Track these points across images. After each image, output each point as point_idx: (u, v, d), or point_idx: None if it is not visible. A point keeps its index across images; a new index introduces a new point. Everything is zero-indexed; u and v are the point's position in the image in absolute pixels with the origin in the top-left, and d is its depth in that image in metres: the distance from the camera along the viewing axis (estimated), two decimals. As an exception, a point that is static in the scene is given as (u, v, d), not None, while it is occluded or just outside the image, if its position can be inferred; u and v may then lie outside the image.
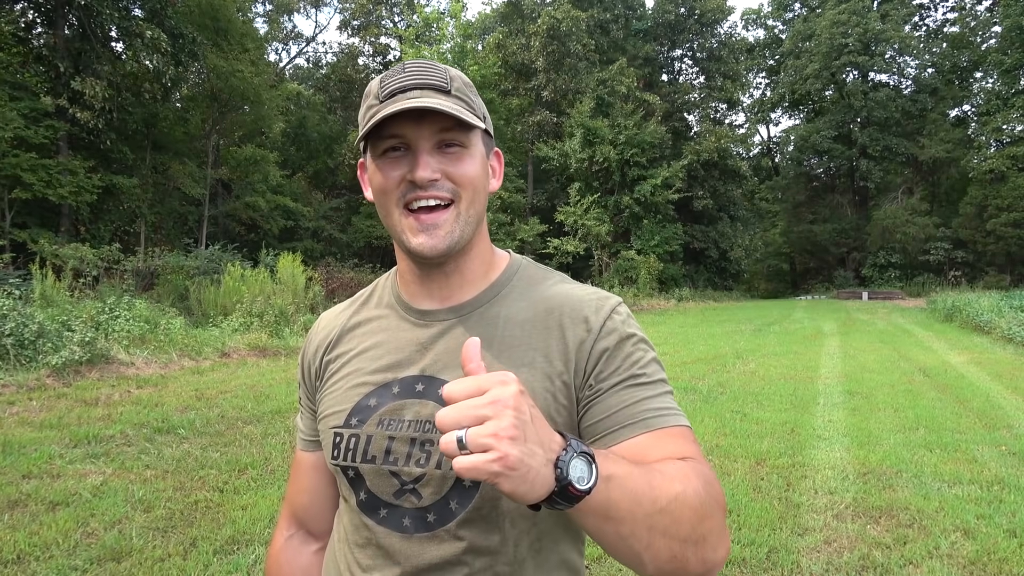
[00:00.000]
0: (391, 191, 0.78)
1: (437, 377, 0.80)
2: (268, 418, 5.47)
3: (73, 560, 2.82)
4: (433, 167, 0.76)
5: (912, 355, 10.02)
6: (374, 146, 0.79)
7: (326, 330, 0.93)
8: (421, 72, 0.78)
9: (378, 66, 30.09)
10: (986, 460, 4.54)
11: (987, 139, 30.58)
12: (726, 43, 35.05)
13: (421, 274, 0.85)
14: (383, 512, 0.80)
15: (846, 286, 33.31)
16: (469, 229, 0.80)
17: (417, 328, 0.85)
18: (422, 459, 0.77)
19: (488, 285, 0.86)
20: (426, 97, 0.75)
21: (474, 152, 0.80)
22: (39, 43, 15.81)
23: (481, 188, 0.81)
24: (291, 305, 11.35)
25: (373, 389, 0.83)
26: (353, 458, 0.81)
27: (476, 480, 0.71)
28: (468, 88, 0.81)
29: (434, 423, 0.76)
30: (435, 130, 0.76)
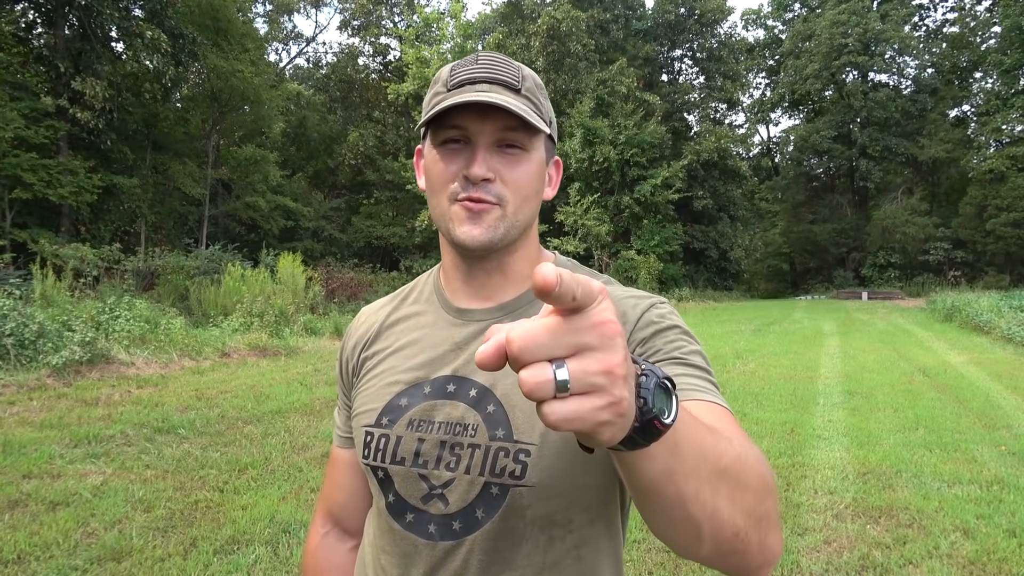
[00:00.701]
0: (445, 183, 0.77)
1: (469, 378, 0.78)
2: (268, 418, 5.47)
3: (73, 560, 2.83)
4: (489, 165, 0.74)
5: (912, 355, 10.02)
6: (434, 134, 0.77)
7: (365, 325, 0.92)
8: (494, 66, 0.76)
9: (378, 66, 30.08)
10: (986, 460, 4.54)
11: (987, 139, 30.59)
12: (726, 43, 35.05)
13: (464, 269, 0.83)
14: (410, 516, 0.78)
15: (846, 286, 33.31)
16: (514, 232, 0.78)
17: (454, 327, 0.83)
18: (451, 463, 0.75)
19: (529, 287, 0.83)
20: (494, 93, 0.73)
21: (533, 157, 0.77)
22: (39, 43, 15.81)
23: (533, 195, 0.78)
24: (291, 305, 11.35)
25: (405, 388, 0.81)
26: (383, 459, 0.79)
27: (504, 488, 0.71)
28: (539, 90, 0.79)
29: (464, 426, 0.75)
30: (498, 127, 0.74)
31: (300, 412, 5.74)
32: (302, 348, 9.70)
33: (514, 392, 0.75)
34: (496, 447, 0.73)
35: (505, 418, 0.75)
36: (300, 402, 6.09)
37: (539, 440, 0.72)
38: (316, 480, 3.96)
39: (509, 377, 0.75)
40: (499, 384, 0.76)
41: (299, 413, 5.70)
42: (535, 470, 0.72)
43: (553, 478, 0.72)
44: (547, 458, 0.72)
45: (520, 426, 0.73)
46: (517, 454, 0.72)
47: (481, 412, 0.76)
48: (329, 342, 10.72)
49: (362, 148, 25.86)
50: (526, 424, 0.73)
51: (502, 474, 0.73)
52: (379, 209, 25.37)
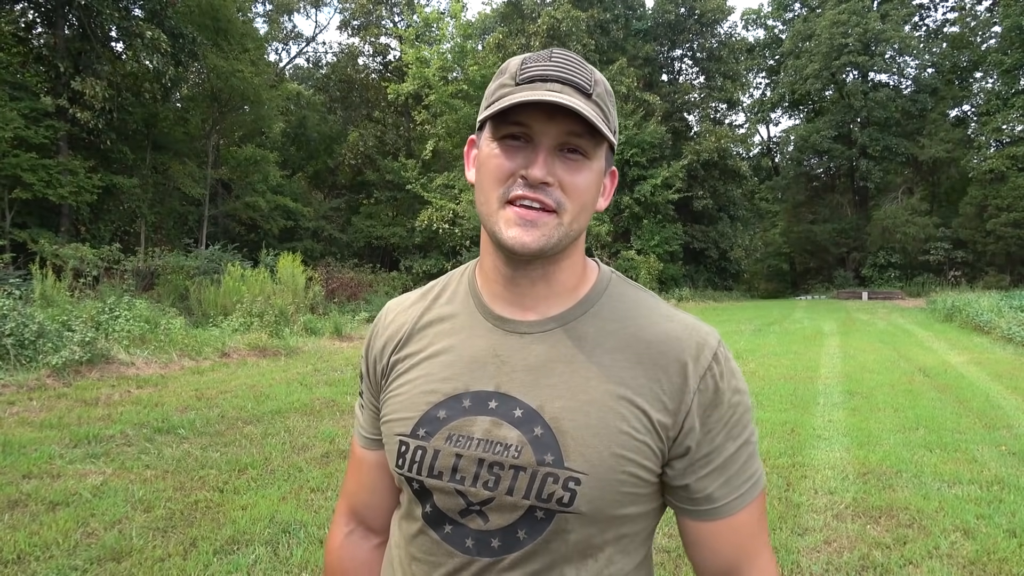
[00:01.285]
0: (499, 181, 0.73)
1: (513, 396, 0.75)
2: (268, 418, 5.47)
3: (73, 560, 2.82)
4: (550, 169, 0.71)
5: (912, 355, 10.02)
6: (495, 128, 0.73)
7: (395, 325, 0.87)
8: (567, 66, 0.72)
9: (378, 66, 30.07)
10: (986, 460, 4.54)
11: (987, 139, 30.59)
12: (726, 43, 35.05)
13: (507, 274, 0.79)
14: (448, 528, 0.77)
15: (846, 286, 33.32)
16: (566, 241, 0.74)
17: (494, 335, 0.79)
18: (490, 482, 0.74)
19: (576, 301, 0.79)
20: (565, 94, 0.70)
21: (594, 166, 0.74)
22: (39, 43, 15.80)
23: (590, 204, 0.75)
24: (291, 305, 11.36)
25: (443, 400, 0.78)
26: (419, 471, 0.77)
27: (550, 513, 0.72)
28: (608, 97, 0.76)
29: (506, 445, 0.73)
30: (564, 131, 0.71)
31: (300, 412, 5.74)
32: (302, 348, 9.70)
33: (564, 417, 0.74)
34: (544, 472, 0.72)
35: (555, 443, 0.73)
36: (300, 402, 6.09)
37: (590, 469, 0.72)
38: (316, 480, 3.96)
39: (559, 400, 0.74)
40: (547, 407, 0.74)
41: (299, 413, 5.70)
42: (584, 499, 0.72)
43: (600, 507, 0.73)
44: (596, 488, 0.72)
45: (571, 453, 0.72)
46: (567, 481, 0.72)
47: (526, 433, 0.74)
48: (329, 342, 10.72)
49: (362, 148, 25.85)
50: (577, 451, 0.72)
51: (549, 500, 0.72)
52: (379, 209, 25.36)
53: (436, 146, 24.09)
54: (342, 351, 9.90)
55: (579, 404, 0.74)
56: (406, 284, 20.62)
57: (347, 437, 4.95)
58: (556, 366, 0.76)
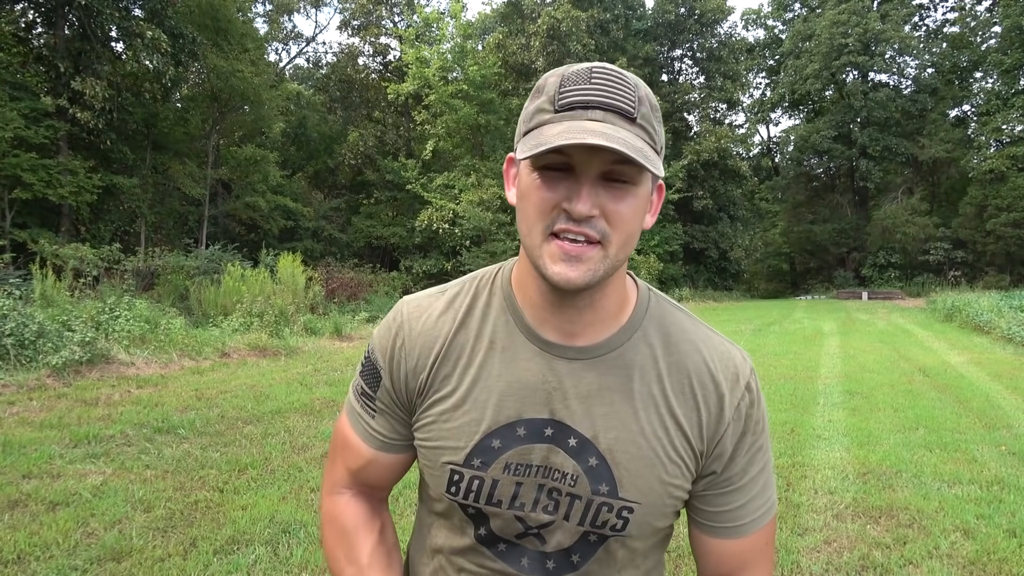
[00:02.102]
0: (543, 214, 0.69)
1: (568, 425, 0.76)
2: (268, 418, 5.47)
3: (73, 560, 2.82)
4: (594, 201, 0.67)
5: (912, 355, 10.02)
6: (536, 159, 0.69)
7: (426, 339, 0.81)
8: (609, 87, 0.68)
9: (378, 66, 30.08)
10: (986, 460, 4.54)
11: (987, 139, 30.58)
12: (726, 43, 35.04)
13: (555, 303, 0.76)
14: (502, 547, 0.80)
15: (846, 286, 33.32)
16: (612, 271, 0.72)
17: (542, 359, 0.77)
18: (550, 507, 0.77)
19: (619, 327, 0.79)
20: (608, 123, 0.66)
21: (639, 192, 0.70)
22: (39, 43, 15.80)
23: (636, 231, 0.72)
24: (291, 305, 11.36)
25: (496, 428, 0.77)
26: (476, 499, 0.78)
27: (602, 537, 0.77)
28: (654, 114, 0.71)
29: (563, 474, 0.76)
30: (607, 160, 0.67)
31: (300, 412, 5.74)
32: (302, 348, 9.70)
33: (618, 448, 0.76)
34: (599, 502, 0.76)
35: (609, 474, 0.76)
36: (300, 402, 6.09)
37: (642, 499, 0.77)
38: (316, 480, 3.96)
39: (612, 431, 0.76)
40: (602, 437, 0.76)
41: (299, 413, 5.70)
42: (635, 525, 0.78)
43: (646, 529, 0.79)
44: (647, 515, 0.78)
45: (625, 484, 0.76)
46: (621, 511, 0.76)
47: (581, 464, 0.76)
48: (329, 342, 10.72)
49: (362, 148, 25.85)
50: (630, 482, 0.76)
51: (603, 527, 0.77)
52: (379, 209, 25.35)
53: (436, 146, 24.08)
54: (342, 351, 9.90)
55: (631, 435, 0.77)
56: (406, 284, 20.62)
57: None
58: (607, 395, 0.77)
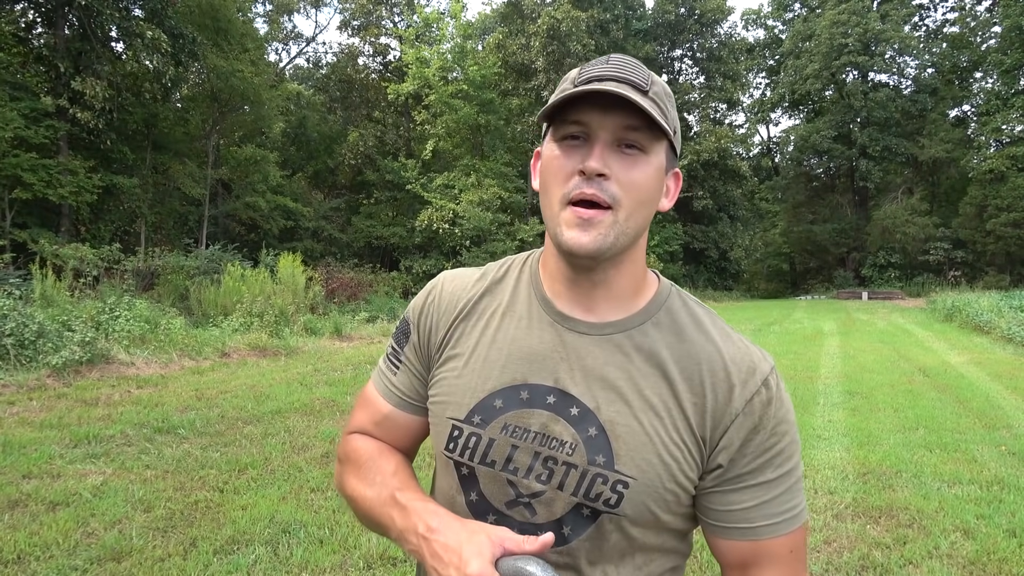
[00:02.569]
0: (561, 180, 0.74)
1: (571, 394, 0.77)
2: (268, 418, 5.47)
3: (73, 560, 2.82)
4: (606, 162, 0.72)
5: (912, 355, 10.02)
6: (555, 130, 0.75)
7: (453, 298, 0.86)
8: (624, 67, 0.74)
9: (378, 66, 30.08)
10: (986, 460, 4.54)
11: (987, 139, 30.59)
12: (726, 43, 35.06)
13: (570, 276, 0.79)
14: (491, 518, 0.78)
15: (846, 286, 33.32)
16: (624, 240, 0.74)
17: (554, 330, 0.80)
18: (544, 475, 0.76)
19: (635, 311, 0.80)
20: (622, 90, 0.70)
21: (652, 161, 0.74)
22: (39, 43, 15.80)
23: (647, 201, 0.75)
24: (291, 305, 11.36)
25: (500, 388, 0.79)
26: (471, 457, 0.78)
27: (596, 512, 0.74)
28: (667, 97, 0.76)
29: (561, 442, 0.75)
30: (620, 124, 0.72)
31: (300, 412, 5.74)
32: (302, 348, 9.70)
33: (619, 421, 0.75)
34: (595, 472, 0.74)
35: (607, 445, 0.75)
36: (300, 402, 6.09)
37: (639, 475, 0.74)
38: (316, 480, 3.96)
39: (615, 404, 0.76)
40: (604, 409, 0.76)
41: (299, 413, 5.71)
42: (629, 503, 0.74)
43: (643, 512, 0.75)
44: (643, 494, 0.74)
45: (622, 456, 0.74)
46: (615, 484, 0.74)
47: (581, 433, 0.76)
48: (329, 342, 10.72)
49: (362, 148, 25.85)
50: (628, 456, 0.74)
51: (596, 499, 0.74)
52: (379, 209, 25.36)
53: (436, 146, 24.08)
54: (342, 351, 9.90)
55: (633, 411, 0.76)
56: (406, 284, 20.63)
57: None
58: (613, 370, 0.77)
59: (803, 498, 0.79)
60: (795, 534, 0.77)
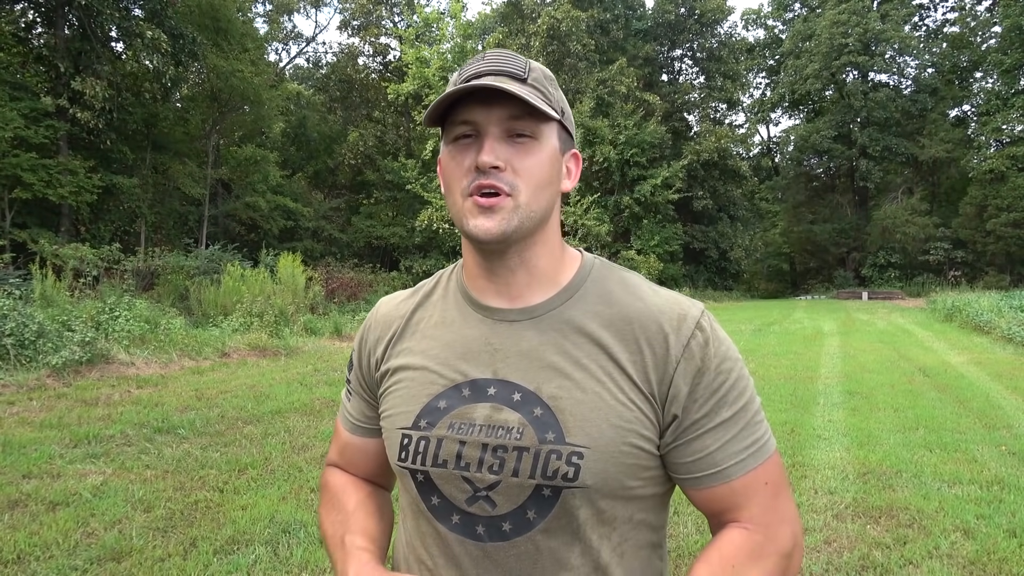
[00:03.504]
0: (459, 179, 0.76)
1: (510, 381, 0.78)
2: (268, 418, 5.47)
3: (73, 560, 2.82)
4: (498, 154, 0.73)
5: (912, 355, 10.02)
6: (447, 134, 0.77)
7: (387, 319, 0.90)
8: (499, 60, 0.76)
9: (378, 66, 30.09)
10: (986, 460, 4.54)
11: (987, 139, 30.60)
12: (726, 43, 35.07)
13: (486, 267, 0.81)
14: (455, 518, 0.78)
15: (846, 286, 33.32)
16: (529, 223, 0.76)
17: (485, 325, 0.82)
18: (495, 465, 0.75)
19: (559, 289, 0.82)
20: (499, 82, 0.72)
21: (544, 145, 0.76)
22: (39, 43, 15.82)
23: (546, 184, 0.77)
24: (291, 305, 11.36)
25: (442, 390, 0.80)
26: (423, 462, 0.79)
27: (556, 490, 0.73)
28: (548, 80, 0.78)
29: (507, 428, 0.75)
30: (504, 116, 0.74)
31: (300, 412, 5.74)
32: (302, 348, 9.70)
33: (562, 395, 0.76)
34: (547, 450, 0.74)
35: (555, 420, 0.75)
36: (300, 402, 6.09)
37: (591, 443, 0.74)
38: (316, 480, 3.96)
39: (555, 380, 0.76)
40: (544, 388, 0.76)
41: (299, 413, 5.71)
42: (588, 472, 0.73)
43: (605, 480, 0.74)
44: (600, 461, 0.74)
45: (571, 429, 0.74)
46: (570, 456, 0.73)
47: (526, 415, 0.76)
48: (329, 342, 10.72)
49: (362, 148, 25.86)
50: (577, 427, 0.74)
51: (554, 476, 0.73)
52: (379, 209, 25.37)
53: (436, 146, 24.05)
54: (342, 351, 9.90)
55: (574, 383, 0.76)
56: (406, 284, 20.59)
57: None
58: (547, 349, 0.78)
59: (766, 429, 0.79)
60: (766, 466, 0.77)
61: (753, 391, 0.79)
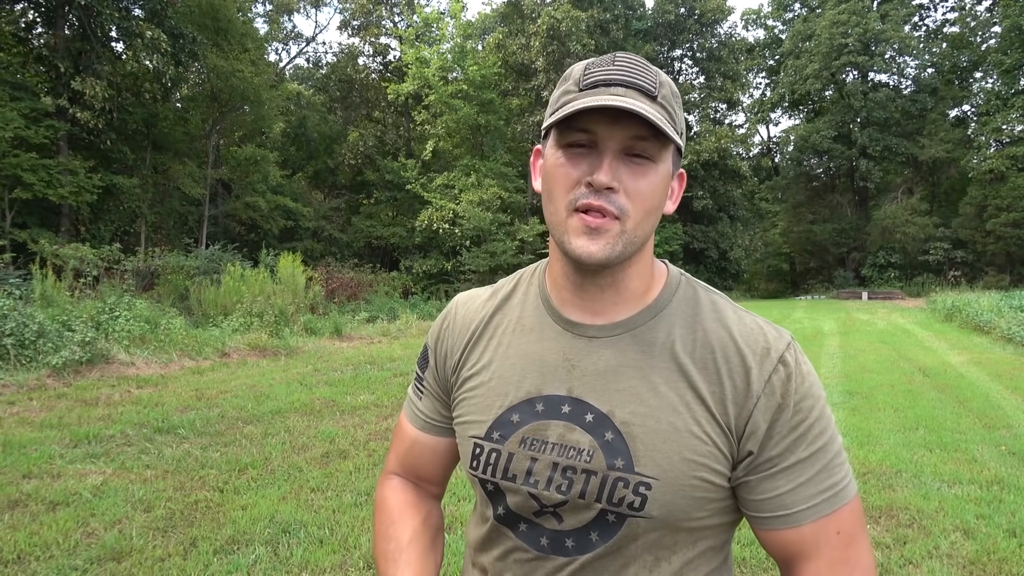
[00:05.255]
0: (566, 188, 0.72)
1: (585, 401, 0.76)
2: (268, 418, 5.47)
3: (73, 560, 2.82)
4: (615, 174, 0.70)
5: (912, 355, 10.02)
6: (560, 135, 0.73)
7: (466, 321, 0.88)
8: (631, 69, 0.72)
9: (378, 66, 30.08)
10: (986, 460, 4.54)
11: (987, 139, 30.58)
12: (726, 43, 35.05)
13: (576, 282, 0.79)
14: (523, 527, 0.79)
15: (846, 286, 33.31)
16: (631, 248, 0.73)
17: (564, 339, 0.79)
18: (563, 486, 0.75)
19: (645, 306, 0.79)
20: (629, 97, 0.69)
21: (660, 169, 0.73)
22: (39, 43, 15.82)
23: (655, 209, 0.74)
24: (291, 305, 11.36)
25: (516, 403, 0.79)
26: (493, 473, 0.79)
27: (621, 516, 0.73)
28: (675, 98, 0.74)
29: (579, 450, 0.75)
30: (628, 135, 0.70)
31: (300, 412, 5.74)
32: (302, 348, 9.70)
33: (635, 422, 0.74)
34: (615, 477, 0.73)
35: (625, 448, 0.74)
36: (300, 402, 6.09)
37: (660, 475, 0.72)
38: (316, 480, 3.96)
39: (629, 405, 0.75)
40: (618, 412, 0.75)
41: (299, 413, 5.71)
42: (655, 504, 0.72)
43: (671, 512, 0.73)
44: (668, 493, 0.72)
45: (641, 458, 0.73)
46: (637, 487, 0.73)
47: (598, 438, 0.75)
48: (329, 342, 10.72)
49: (362, 148, 25.85)
50: (647, 456, 0.73)
51: (620, 504, 0.73)
52: (379, 209, 25.36)
53: (436, 146, 24.09)
54: (342, 351, 9.90)
55: (649, 409, 0.74)
56: (406, 284, 20.63)
57: (347, 438, 4.95)
58: (626, 371, 0.76)
59: (846, 473, 0.75)
60: (840, 513, 0.73)
61: (835, 432, 0.76)
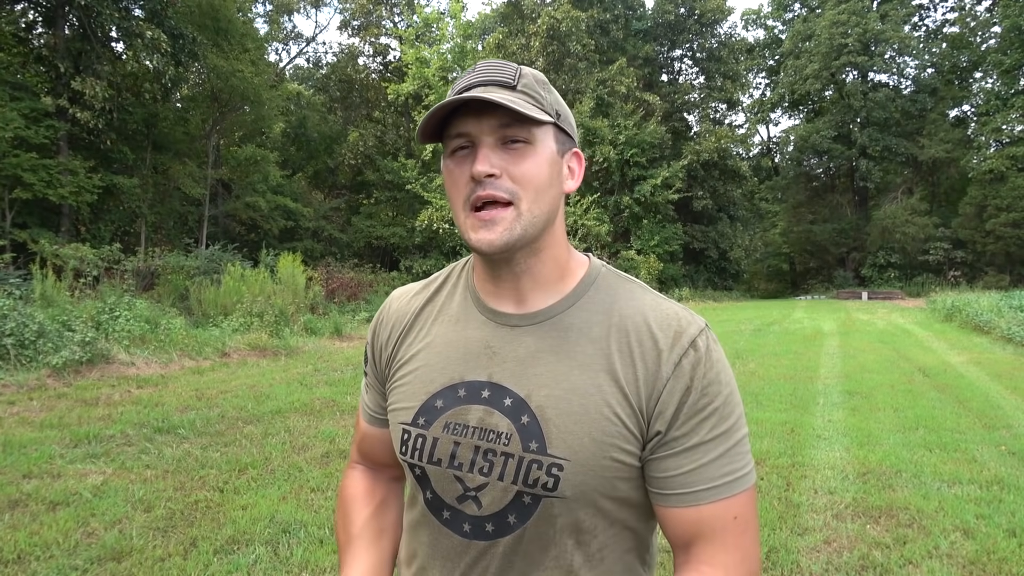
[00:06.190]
0: (459, 190, 0.77)
1: (504, 386, 0.79)
2: (268, 418, 5.47)
3: (73, 560, 2.83)
4: (493, 162, 0.74)
5: (912, 355, 10.02)
6: (445, 148, 0.79)
7: (399, 313, 0.92)
8: (488, 70, 0.77)
9: (378, 66, 30.08)
10: (986, 460, 4.54)
11: (987, 139, 30.60)
12: (726, 43, 35.06)
13: (492, 273, 0.83)
14: (447, 514, 0.82)
15: (846, 286, 33.33)
16: (532, 229, 0.76)
17: (487, 327, 0.83)
18: (485, 468, 0.78)
19: (564, 295, 0.82)
20: (488, 93, 0.73)
21: (540, 149, 0.76)
22: (39, 43, 15.80)
23: (546, 187, 0.77)
24: (291, 305, 11.36)
25: (440, 389, 0.82)
26: (420, 458, 0.82)
27: (536, 498, 0.75)
28: (539, 84, 0.79)
29: (498, 433, 0.77)
30: (495, 125, 0.74)
31: (300, 412, 5.74)
32: (302, 348, 9.70)
33: (549, 405, 0.77)
34: (529, 459, 0.76)
35: (539, 430, 0.76)
36: (300, 402, 6.10)
37: (572, 455, 0.75)
38: (316, 480, 3.96)
39: (544, 389, 0.78)
40: (534, 396, 0.78)
41: (299, 413, 5.71)
42: (567, 484, 0.75)
43: (583, 492, 0.76)
44: (579, 473, 0.75)
45: (554, 440, 0.76)
46: (550, 468, 0.75)
47: (515, 422, 0.77)
48: (329, 342, 10.72)
49: (362, 148, 25.85)
50: (559, 439, 0.75)
51: (535, 485, 0.76)
52: (379, 209, 25.35)
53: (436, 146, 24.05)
54: (342, 351, 9.90)
55: (562, 392, 0.77)
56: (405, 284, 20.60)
57: (347, 438, 4.96)
58: (543, 356, 0.79)
59: (748, 462, 0.77)
60: (739, 498, 0.75)
61: (740, 419, 0.78)
